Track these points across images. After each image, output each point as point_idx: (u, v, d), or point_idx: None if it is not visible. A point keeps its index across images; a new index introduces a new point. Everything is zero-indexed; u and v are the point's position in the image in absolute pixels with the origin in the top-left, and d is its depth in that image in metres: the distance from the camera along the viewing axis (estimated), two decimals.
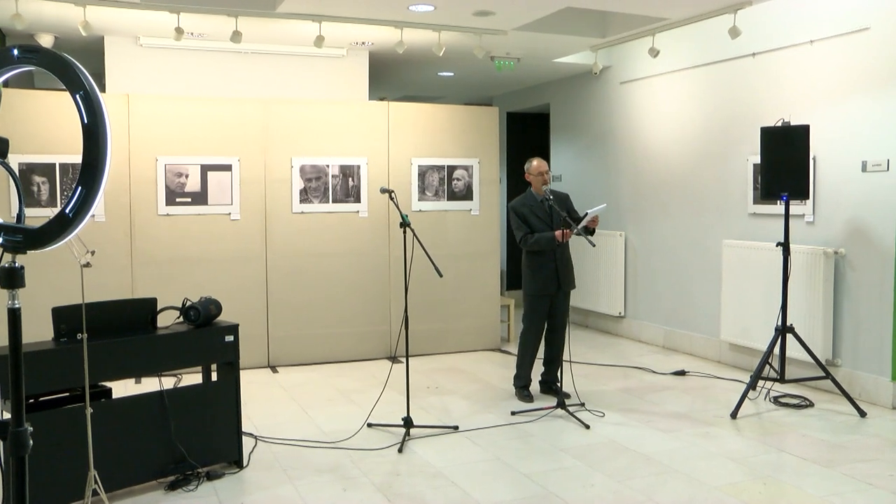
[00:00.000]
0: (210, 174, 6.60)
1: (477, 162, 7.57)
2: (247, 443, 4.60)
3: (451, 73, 9.12)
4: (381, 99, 8.86)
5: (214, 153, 6.63)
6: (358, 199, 7.10)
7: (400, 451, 4.65)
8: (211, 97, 6.85)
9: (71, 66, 1.99)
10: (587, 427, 5.10)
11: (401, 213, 5.05)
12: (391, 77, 9.14)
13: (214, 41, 6.99)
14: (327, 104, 7.13)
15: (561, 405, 5.37)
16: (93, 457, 3.45)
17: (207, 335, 4.18)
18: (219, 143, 6.66)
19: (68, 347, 3.64)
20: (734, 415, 5.33)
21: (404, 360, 5.15)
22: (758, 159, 5.81)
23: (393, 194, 5.14)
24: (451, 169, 7.47)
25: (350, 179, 7.07)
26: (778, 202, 5.94)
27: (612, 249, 8.34)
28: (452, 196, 7.48)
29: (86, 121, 1.98)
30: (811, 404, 5.57)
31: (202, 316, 4.15)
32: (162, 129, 6.49)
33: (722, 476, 4.25)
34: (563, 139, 9.51)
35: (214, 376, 4.39)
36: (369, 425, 5.09)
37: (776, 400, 5.66)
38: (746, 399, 5.50)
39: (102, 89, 7.09)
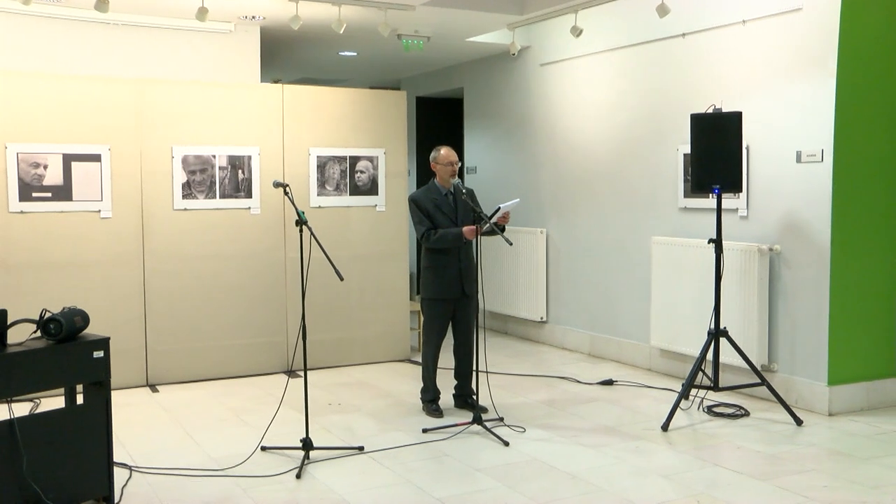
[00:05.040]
0: (74, 165, 6.35)
1: (383, 152, 7.53)
2: (119, 475, 4.44)
3: (354, 53, 9.05)
4: (275, 81, 8.72)
5: (79, 140, 6.39)
6: (249, 194, 6.98)
7: (298, 476, 4.59)
8: (73, 75, 6.59)
9: None
10: (506, 444, 5.11)
11: (297, 209, 4.99)
12: (286, 57, 9.02)
13: (75, 9, 6.70)
14: (213, 86, 6.98)
15: (477, 420, 5.37)
16: None
17: (71, 351, 4.01)
18: (84, 129, 6.42)
19: None
20: (665, 427, 5.42)
21: (302, 374, 5.06)
22: (688, 149, 5.94)
23: (288, 189, 5.10)
24: (354, 160, 7.41)
25: (240, 172, 6.94)
26: (710, 195, 6.08)
27: (531, 248, 8.41)
28: (355, 190, 7.42)
29: None
30: (746, 413, 5.73)
31: (65, 329, 3.97)
32: (12, 112, 6.20)
33: (653, 494, 4.31)
34: (478, 126, 9.55)
35: (80, 399, 4.21)
36: (263, 448, 5.02)
37: (710, 409, 5.80)
38: (678, 409, 5.61)
39: None
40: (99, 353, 4.07)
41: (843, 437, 5.24)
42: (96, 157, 6.44)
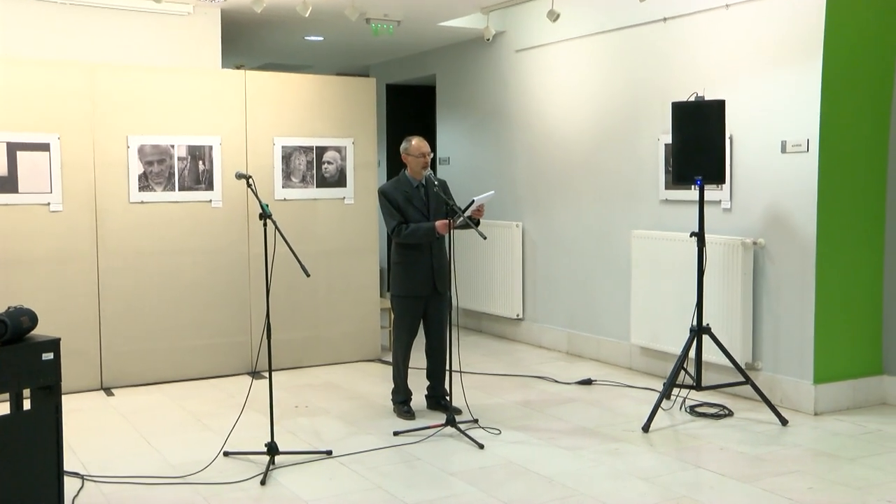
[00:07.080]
0: (21, 154, 6.26)
1: (351, 142, 7.50)
2: (70, 485, 4.37)
3: (321, 38, 9.01)
4: (238, 67, 8.64)
5: (25, 128, 6.30)
6: (210, 186, 6.94)
7: (263, 482, 4.57)
8: (20, 58, 6.49)
9: None
10: (481, 447, 5.11)
11: (260, 202, 4.98)
12: (249, 41, 8.97)
13: None
14: (171, 72, 6.92)
15: (451, 422, 5.37)
16: None
17: (17, 354, 3.92)
18: (31, 117, 6.33)
19: None
20: (646, 428, 5.44)
21: (267, 375, 5.03)
22: (669, 138, 5.95)
23: (251, 180, 5.08)
24: (321, 150, 7.38)
25: (200, 162, 6.89)
26: (692, 187, 6.10)
27: (507, 242, 8.41)
28: (322, 182, 7.39)
29: None
30: (730, 413, 5.76)
31: (10, 330, 3.90)
32: None
33: (633, 498, 4.33)
34: (451, 115, 9.53)
35: (28, 404, 4.14)
36: (226, 454, 4.99)
37: (692, 409, 5.82)
38: (660, 410, 5.63)
39: None
40: (48, 356, 4.00)
41: (828, 437, 5.28)
42: (44, 147, 6.34)
